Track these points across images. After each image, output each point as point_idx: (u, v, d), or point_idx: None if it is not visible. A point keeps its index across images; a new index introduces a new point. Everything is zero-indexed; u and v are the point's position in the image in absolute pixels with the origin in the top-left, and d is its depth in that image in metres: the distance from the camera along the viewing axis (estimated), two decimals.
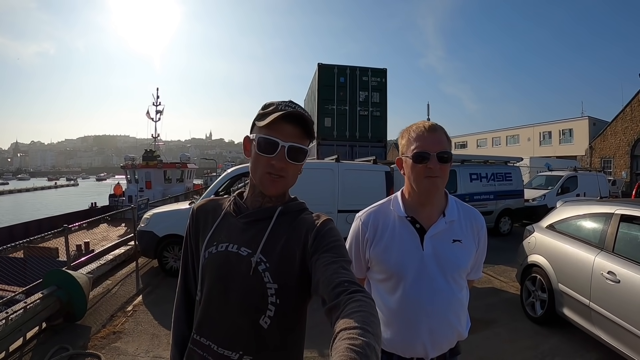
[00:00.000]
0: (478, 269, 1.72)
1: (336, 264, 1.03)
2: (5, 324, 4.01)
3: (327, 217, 1.22)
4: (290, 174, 1.19)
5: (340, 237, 1.17)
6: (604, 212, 4.32)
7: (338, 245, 1.12)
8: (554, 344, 4.38)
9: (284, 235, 1.18)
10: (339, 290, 0.93)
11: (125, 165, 20.74)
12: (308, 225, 1.18)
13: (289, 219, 1.21)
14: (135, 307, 5.58)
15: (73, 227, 6.45)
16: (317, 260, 1.07)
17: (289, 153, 1.15)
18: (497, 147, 45.12)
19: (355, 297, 0.89)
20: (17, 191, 65.99)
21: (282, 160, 1.15)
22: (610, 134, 31.00)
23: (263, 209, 1.23)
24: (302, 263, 1.14)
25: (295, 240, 1.16)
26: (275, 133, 1.15)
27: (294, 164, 1.17)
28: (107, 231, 13.20)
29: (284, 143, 1.14)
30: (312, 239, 1.13)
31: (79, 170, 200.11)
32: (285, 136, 1.15)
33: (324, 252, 1.08)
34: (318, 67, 14.74)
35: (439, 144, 1.49)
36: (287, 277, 1.14)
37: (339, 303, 0.89)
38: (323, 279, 1.00)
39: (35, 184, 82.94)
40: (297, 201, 1.28)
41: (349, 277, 0.98)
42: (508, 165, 12.16)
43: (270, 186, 1.18)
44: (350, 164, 7.91)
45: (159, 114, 25.09)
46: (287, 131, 1.15)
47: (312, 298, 1.19)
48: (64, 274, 4.96)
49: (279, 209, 1.21)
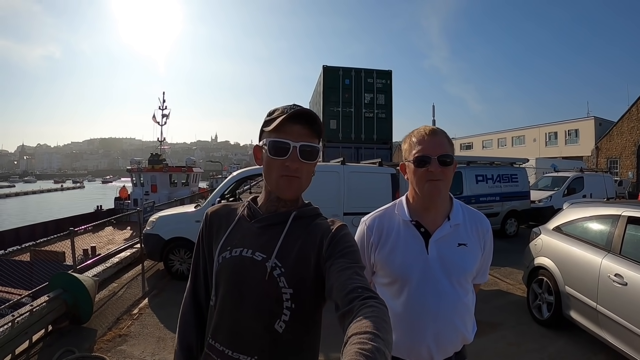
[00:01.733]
0: (484, 273, 1.71)
1: (350, 269, 1.03)
2: (12, 326, 4.03)
3: (341, 222, 1.22)
4: (305, 174, 1.19)
5: (354, 242, 1.17)
6: (611, 214, 4.29)
7: (352, 250, 1.12)
8: (560, 347, 4.35)
9: (298, 240, 1.18)
10: (352, 296, 0.93)
11: (131, 169, 20.89)
12: (323, 230, 1.18)
13: (303, 223, 1.21)
14: (141, 310, 5.60)
15: (79, 230, 6.49)
16: (331, 265, 1.07)
17: (302, 153, 1.15)
18: (502, 148, 45.02)
19: (369, 302, 0.89)
20: (24, 194, 66.54)
21: (296, 161, 1.15)
22: (616, 134, 30.84)
23: (277, 214, 1.23)
24: (317, 268, 1.14)
25: (310, 245, 1.16)
26: (285, 135, 1.15)
27: (308, 163, 1.17)
28: (113, 234, 13.28)
29: (295, 143, 1.14)
30: (327, 244, 1.13)
31: (85, 172, 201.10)
32: (296, 137, 1.15)
33: (339, 257, 1.08)
34: (323, 69, 14.74)
35: (440, 147, 1.49)
36: (302, 282, 1.14)
37: (352, 309, 0.89)
38: (337, 284, 1.00)
39: (42, 186, 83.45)
40: (311, 206, 1.28)
41: (362, 283, 0.98)
42: (514, 166, 12.11)
43: (287, 188, 1.18)
44: (355, 167, 7.88)
45: (165, 117, 25.28)
46: (296, 132, 1.16)
47: (326, 302, 1.19)
48: (70, 276, 4.99)
49: (293, 213, 1.21)
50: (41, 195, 67.41)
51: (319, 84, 15.62)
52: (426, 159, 1.48)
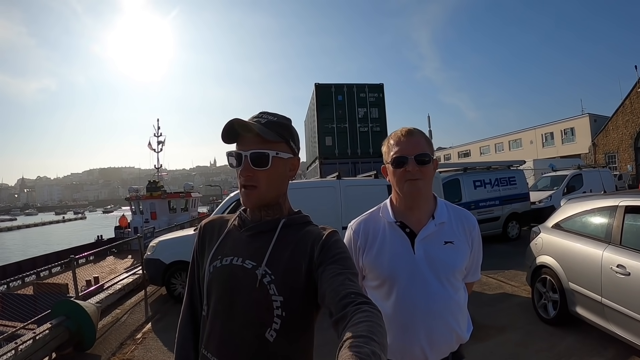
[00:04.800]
0: (475, 271, 1.70)
1: (343, 275, 1.02)
2: (15, 354, 4.01)
3: (333, 229, 1.22)
4: (263, 182, 1.17)
5: (346, 249, 1.17)
6: (608, 206, 4.28)
7: (344, 257, 1.11)
8: (569, 344, 4.30)
9: (289, 247, 1.17)
10: (345, 302, 0.92)
11: (129, 197, 20.91)
12: (314, 237, 1.17)
13: (293, 231, 1.21)
14: (145, 334, 5.56)
15: (80, 258, 6.48)
16: (323, 272, 1.07)
17: (253, 160, 1.15)
18: (500, 152, 45.10)
19: (363, 308, 0.89)
20: (25, 226, 66.46)
21: (248, 169, 1.15)
22: (612, 128, 30.99)
23: (266, 221, 1.22)
24: (308, 275, 1.13)
25: (301, 252, 1.15)
26: (238, 146, 1.17)
27: (261, 170, 1.16)
28: (115, 264, 13.26)
29: (245, 152, 1.15)
30: (319, 250, 1.13)
31: (86, 203, 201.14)
32: (246, 145, 1.16)
33: (330, 263, 1.08)
34: (315, 87, 14.83)
35: (416, 147, 1.51)
36: (292, 290, 1.13)
37: (346, 314, 0.89)
38: (329, 290, 0.99)
39: (43, 218, 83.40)
40: (300, 214, 1.28)
41: (355, 289, 0.98)
42: (511, 169, 12.12)
43: (245, 199, 1.19)
44: (351, 180, 7.94)
45: (160, 144, 25.49)
46: (246, 140, 1.16)
47: (319, 310, 1.19)
48: (72, 304, 4.98)
49: (282, 220, 1.21)
50: (43, 227, 67.29)
51: (312, 102, 15.73)
52: (403, 159, 1.50)
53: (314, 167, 16.19)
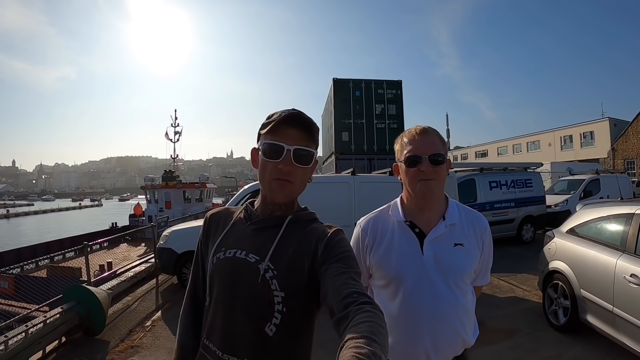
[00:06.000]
0: (485, 275, 1.67)
1: (345, 274, 1.02)
2: (25, 337, 4.10)
3: (337, 227, 1.21)
4: (298, 179, 1.18)
5: (350, 248, 1.16)
6: (624, 213, 4.19)
7: (348, 256, 1.11)
8: (578, 352, 4.23)
9: (293, 243, 1.17)
10: (347, 301, 0.92)
11: (145, 186, 21.14)
12: (319, 234, 1.17)
13: (299, 227, 1.21)
14: (154, 322, 5.63)
15: (94, 244, 6.58)
16: (326, 270, 1.07)
17: (295, 156, 1.15)
18: (518, 154, 44.57)
19: (364, 308, 0.88)
20: (42, 212, 67.75)
21: (289, 164, 1.15)
22: (632, 134, 30.32)
23: (273, 217, 1.22)
24: (311, 272, 1.13)
25: (305, 249, 1.15)
26: (279, 138, 1.15)
27: (301, 167, 1.17)
28: (128, 251, 13.50)
29: (289, 147, 1.15)
30: (322, 248, 1.13)
31: (103, 190, 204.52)
32: (290, 140, 1.15)
33: (334, 262, 1.07)
34: (333, 82, 14.80)
35: (431, 146, 1.48)
36: (294, 286, 1.13)
37: (348, 314, 0.89)
38: (332, 289, 0.99)
39: (60, 204, 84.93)
40: (307, 211, 1.28)
41: (358, 288, 0.97)
42: (528, 171, 11.93)
43: (279, 191, 1.18)
44: (366, 177, 7.86)
45: (177, 134, 25.58)
46: (291, 135, 1.16)
47: (320, 308, 1.19)
48: (84, 289, 5.07)
49: (289, 217, 1.21)
50: (59, 213, 68.56)
51: (330, 97, 15.69)
52: (417, 159, 1.47)
53: (330, 162, 16.16)
